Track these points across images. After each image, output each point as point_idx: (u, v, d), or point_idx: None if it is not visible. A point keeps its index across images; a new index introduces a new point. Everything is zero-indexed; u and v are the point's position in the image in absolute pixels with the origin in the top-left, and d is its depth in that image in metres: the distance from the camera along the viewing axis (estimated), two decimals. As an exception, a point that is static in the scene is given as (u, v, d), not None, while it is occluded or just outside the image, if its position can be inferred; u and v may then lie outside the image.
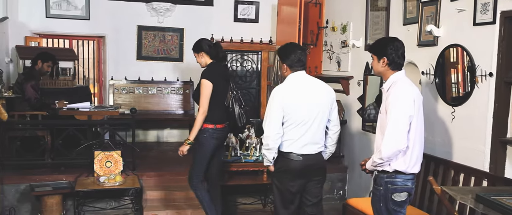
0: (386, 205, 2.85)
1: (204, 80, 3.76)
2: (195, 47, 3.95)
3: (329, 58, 6.03)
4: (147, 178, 4.91)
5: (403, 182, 2.82)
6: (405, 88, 2.78)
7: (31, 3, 6.54)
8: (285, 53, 3.19)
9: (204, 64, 3.93)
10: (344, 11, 5.66)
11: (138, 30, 6.99)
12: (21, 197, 4.56)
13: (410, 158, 2.79)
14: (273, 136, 3.06)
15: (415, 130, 2.79)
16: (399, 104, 2.73)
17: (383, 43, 2.89)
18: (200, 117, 3.74)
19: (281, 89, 3.14)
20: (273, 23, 6.90)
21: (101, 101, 7.14)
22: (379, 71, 2.93)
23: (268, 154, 3.13)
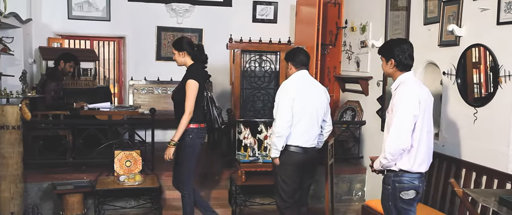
0: (395, 204, 2.90)
1: (192, 80, 3.71)
2: (177, 45, 3.88)
3: (348, 58, 5.99)
4: (165, 178, 4.94)
5: (410, 181, 2.87)
6: (411, 89, 2.85)
7: (54, 5, 6.66)
8: (292, 55, 3.57)
9: (182, 63, 3.90)
10: (363, 11, 5.61)
11: (157, 31, 7.06)
12: (43, 195, 4.64)
13: (415, 157, 2.84)
14: (284, 123, 3.32)
15: (421, 130, 2.83)
16: (404, 104, 2.80)
17: (391, 46, 2.98)
18: (187, 118, 3.69)
19: (291, 82, 3.47)
20: (292, 23, 6.89)
21: (121, 101, 7.22)
22: (388, 73, 3.03)
23: (278, 142, 3.36)
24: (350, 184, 5.46)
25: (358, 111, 5.68)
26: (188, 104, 3.69)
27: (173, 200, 4.81)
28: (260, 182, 4.78)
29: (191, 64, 3.87)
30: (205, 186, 4.96)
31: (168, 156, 3.78)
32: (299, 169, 3.47)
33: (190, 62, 3.87)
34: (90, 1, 6.78)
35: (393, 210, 2.92)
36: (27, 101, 4.17)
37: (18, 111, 4.09)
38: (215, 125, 4.01)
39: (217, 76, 7.14)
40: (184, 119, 3.68)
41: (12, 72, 5.40)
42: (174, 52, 3.89)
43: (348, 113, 5.88)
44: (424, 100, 2.85)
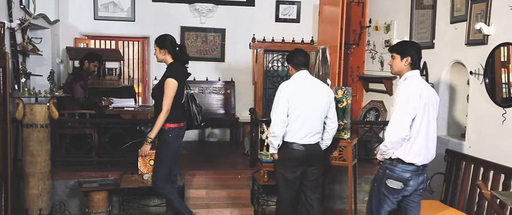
0: (379, 187, 3.14)
1: (171, 79, 3.72)
2: (160, 43, 3.88)
3: (371, 58, 5.92)
4: (189, 177, 4.98)
5: (401, 173, 3.05)
6: (414, 83, 3.05)
7: (81, 6, 6.80)
8: (291, 57, 3.69)
9: (162, 60, 3.91)
10: (388, 10, 5.54)
11: (181, 31, 7.12)
12: (70, 192, 4.74)
13: (411, 148, 3.01)
14: (279, 124, 3.48)
15: (420, 123, 3.00)
16: (405, 95, 2.99)
17: (408, 45, 3.22)
18: (164, 116, 3.70)
19: (288, 84, 3.59)
20: (315, 23, 6.85)
21: (145, 101, 7.32)
22: (399, 69, 3.17)
23: (274, 141, 3.53)
24: (373, 185, 5.39)
25: (382, 111, 5.61)
26: (165, 102, 3.70)
27: (196, 198, 4.85)
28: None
29: (171, 62, 3.87)
30: (227, 186, 4.97)
31: (144, 152, 3.86)
32: (298, 164, 3.59)
33: (170, 60, 3.88)
34: (116, 2, 6.89)
35: (375, 191, 3.18)
36: (55, 100, 4.26)
37: (46, 110, 4.18)
38: (195, 122, 4.07)
39: (240, 76, 7.17)
40: (161, 116, 3.70)
41: (40, 72, 5.53)
42: (155, 48, 3.90)
43: (372, 113, 5.81)
44: (426, 95, 3.02)
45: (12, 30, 4.83)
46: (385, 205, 3.14)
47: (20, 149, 4.45)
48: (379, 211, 3.16)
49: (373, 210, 3.21)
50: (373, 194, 3.21)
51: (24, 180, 4.21)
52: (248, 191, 4.97)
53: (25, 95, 4.20)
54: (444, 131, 4.49)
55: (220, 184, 4.97)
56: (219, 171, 5.16)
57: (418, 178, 3.07)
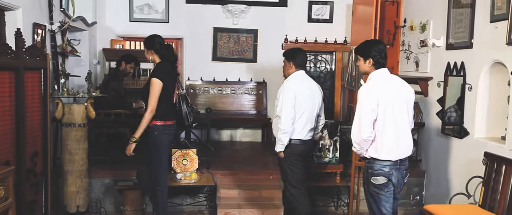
0: (368, 187, 3.25)
1: (155, 79, 3.74)
2: (147, 43, 3.92)
3: (406, 58, 5.80)
4: (221, 177, 5.02)
5: (379, 168, 3.15)
6: (372, 85, 3.15)
7: (117, 8, 6.96)
8: (293, 54, 3.87)
9: (151, 60, 3.96)
10: (423, 9, 5.42)
11: (214, 31, 7.19)
12: (106, 190, 4.86)
13: (381, 146, 3.11)
14: (289, 121, 3.67)
15: (383, 122, 3.09)
16: (362, 98, 3.11)
17: (368, 46, 3.25)
18: (149, 115, 3.73)
19: (292, 82, 3.77)
20: (348, 23, 6.77)
21: (178, 101, 7.41)
22: (365, 70, 3.28)
23: (285, 137, 3.70)
24: (407, 187, 5.28)
25: (417, 113, 5.48)
26: (150, 102, 3.73)
27: (228, 198, 4.87)
28: (315, 183, 4.74)
29: (158, 62, 3.90)
30: (259, 186, 4.98)
31: (129, 151, 3.83)
32: (302, 158, 3.86)
33: (158, 60, 3.91)
34: (150, 4, 7.03)
35: (367, 193, 3.28)
36: (92, 100, 4.37)
37: (84, 110, 4.30)
38: (185, 122, 4.10)
39: (272, 77, 7.17)
40: (146, 116, 3.74)
41: (78, 73, 5.70)
42: (144, 49, 3.96)
43: (406, 114, 5.69)
44: (389, 95, 3.10)
45: (52, 32, 5.00)
46: (382, 201, 3.22)
47: (59, 147, 4.60)
48: (380, 209, 3.24)
49: (374, 210, 3.30)
50: (367, 196, 3.31)
51: (63, 178, 4.35)
52: (280, 192, 4.96)
53: (64, 95, 4.34)
54: (483, 133, 4.35)
55: (252, 184, 4.99)
56: (251, 171, 5.18)
57: (399, 172, 3.18)
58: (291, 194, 3.95)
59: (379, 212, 3.24)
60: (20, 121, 3.49)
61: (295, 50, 4.00)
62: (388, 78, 3.24)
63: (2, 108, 3.29)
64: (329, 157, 4.69)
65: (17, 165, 3.41)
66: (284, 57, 3.97)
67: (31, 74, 3.66)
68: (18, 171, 3.39)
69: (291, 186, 3.91)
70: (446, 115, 4.78)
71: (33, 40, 4.49)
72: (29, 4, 4.41)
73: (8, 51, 3.32)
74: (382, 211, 3.22)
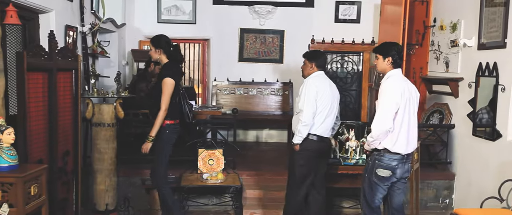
0: (370, 177, 3.42)
1: (168, 79, 3.80)
2: (155, 43, 3.95)
3: (436, 59, 5.69)
4: (247, 177, 5.03)
5: (388, 161, 3.34)
6: (396, 82, 3.35)
7: (146, 10, 7.07)
8: (315, 55, 4.05)
9: (157, 60, 3.98)
10: (454, 8, 5.30)
11: (240, 32, 7.21)
12: (134, 189, 4.94)
13: (397, 139, 3.30)
14: (311, 114, 3.81)
15: (402, 117, 3.30)
16: (388, 93, 3.30)
17: (388, 46, 3.47)
18: (163, 114, 3.79)
19: (315, 80, 3.93)
20: (376, 23, 6.69)
21: (205, 101, 7.48)
22: (383, 68, 3.46)
23: (304, 130, 3.83)
24: (436, 190, 5.18)
25: (447, 114, 5.37)
26: (164, 101, 3.79)
27: (254, 199, 4.89)
28: (341, 185, 4.70)
29: (166, 62, 3.94)
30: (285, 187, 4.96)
31: (146, 150, 3.90)
32: (316, 155, 3.95)
33: (166, 60, 3.95)
34: (178, 5, 7.11)
35: (366, 181, 3.46)
36: (121, 100, 4.45)
37: (113, 110, 4.38)
38: (186, 119, 4.13)
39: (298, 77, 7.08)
40: (161, 115, 3.80)
41: (107, 74, 5.82)
42: (151, 47, 3.97)
43: (435, 115, 5.58)
44: (407, 92, 3.32)
45: (83, 34, 5.12)
46: (378, 192, 3.42)
47: (89, 147, 4.70)
48: (373, 199, 3.44)
49: (367, 199, 3.48)
50: (365, 184, 3.48)
51: (92, 176, 4.44)
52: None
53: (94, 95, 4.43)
54: (515, 135, 4.23)
55: (277, 185, 4.98)
56: (277, 172, 5.17)
57: (404, 166, 3.38)
58: (290, 191, 4.07)
59: (372, 201, 3.45)
60: (53, 120, 3.58)
61: (316, 51, 4.21)
62: (404, 78, 3.48)
63: (36, 107, 3.39)
64: (356, 158, 4.64)
65: (49, 163, 3.50)
66: (305, 57, 4.10)
67: (63, 75, 3.75)
68: (50, 169, 3.48)
69: (293, 182, 4.02)
70: (478, 117, 4.66)
71: (65, 42, 4.60)
72: (61, 7, 4.53)
73: (42, 53, 3.41)
74: (374, 201, 3.45)
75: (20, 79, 3.17)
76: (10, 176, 2.78)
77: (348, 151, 4.70)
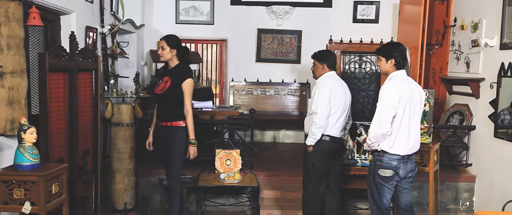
0: (374, 178, 3.44)
1: (191, 79, 3.80)
2: (171, 42, 3.87)
3: (456, 59, 5.60)
4: (264, 177, 5.04)
5: (388, 161, 3.35)
6: (396, 84, 3.32)
7: (164, 11, 7.13)
8: (325, 56, 4.06)
9: (168, 59, 3.87)
10: (475, 7, 5.21)
11: (257, 33, 7.22)
12: (152, 188, 4.99)
13: (394, 141, 3.31)
14: (325, 116, 3.83)
15: (401, 119, 3.29)
16: (386, 95, 3.30)
17: (391, 47, 3.45)
18: (192, 115, 3.80)
19: (327, 80, 3.93)
20: (394, 23, 6.62)
21: (222, 101, 7.51)
22: (385, 70, 3.46)
23: (318, 132, 3.85)
24: (456, 192, 5.11)
25: (467, 115, 5.28)
26: (189, 102, 3.79)
27: (271, 199, 4.89)
28: (358, 186, 4.66)
29: (181, 63, 3.89)
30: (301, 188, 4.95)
31: (194, 154, 3.88)
32: (329, 155, 3.97)
33: (176, 62, 3.88)
34: (196, 6, 7.15)
35: (372, 183, 3.46)
36: (139, 100, 4.50)
37: (132, 110, 4.44)
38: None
39: (315, 78, 7.12)
40: (191, 116, 3.80)
41: (126, 74, 5.89)
42: (164, 47, 3.85)
43: (456, 116, 5.50)
44: (407, 94, 3.29)
45: (103, 35, 5.19)
46: (384, 193, 3.42)
47: (108, 146, 4.76)
48: (381, 199, 3.44)
49: (375, 200, 3.48)
50: (371, 185, 3.48)
51: (111, 175, 4.50)
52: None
53: (114, 95, 4.49)
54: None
55: (294, 186, 4.96)
56: (294, 173, 5.15)
57: (406, 165, 3.37)
58: (306, 192, 4.08)
59: (380, 202, 3.45)
60: (73, 120, 3.64)
61: (326, 52, 4.23)
62: (407, 79, 3.44)
63: (57, 107, 3.44)
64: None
65: (70, 162, 3.56)
66: (314, 59, 4.10)
67: (83, 76, 3.81)
68: (71, 168, 3.54)
69: (308, 182, 4.05)
70: (499, 118, 4.57)
71: (86, 42, 4.67)
72: (82, 8, 4.60)
73: (63, 54, 3.47)
74: (383, 201, 3.44)
75: (42, 80, 3.23)
76: (32, 175, 2.84)
77: (365, 152, 4.67)
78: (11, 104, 3.19)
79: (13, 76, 3.18)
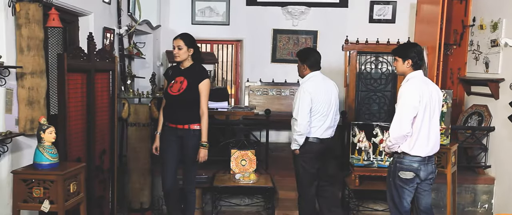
0: (394, 180, 3.39)
1: (208, 80, 3.72)
2: (190, 41, 3.75)
3: (475, 59, 5.52)
4: (279, 178, 5.03)
5: (409, 163, 3.31)
6: (415, 85, 3.29)
7: (180, 11, 7.18)
8: (306, 55, 3.95)
9: (184, 59, 3.73)
10: (495, 7, 5.13)
11: (273, 33, 7.22)
12: (167, 188, 5.01)
13: (415, 142, 3.27)
14: (305, 124, 3.79)
15: (421, 120, 3.25)
16: (406, 96, 3.25)
17: (408, 48, 3.41)
18: (207, 116, 3.71)
19: (309, 85, 3.85)
20: (411, 23, 6.55)
21: (237, 102, 7.52)
22: (402, 71, 3.43)
23: (300, 139, 3.84)
24: (474, 194, 5.03)
25: (486, 116, 5.20)
26: (206, 103, 3.70)
27: (286, 200, 4.87)
28: (375, 187, 4.63)
29: (196, 64, 3.78)
30: (318, 188, 4.94)
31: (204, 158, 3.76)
32: (317, 156, 3.96)
33: (190, 62, 3.77)
34: (212, 7, 7.18)
35: (392, 185, 3.41)
36: (155, 101, 4.54)
37: (148, 110, 4.47)
38: None
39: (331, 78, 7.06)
40: (206, 119, 3.70)
41: (143, 74, 5.94)
42: (181, 46, 3.70)
43: (474, 117, 5.42)
44: (427, 95, 3.26)
45: (120, 36, 5.25)
46: (405, 195, 3.37)
47: (124, 146, 4.81)
48: (402, 202, 3.39)
49: (395, 203, 3.43)
50: (391, 188, 3.43)
51: (127, 175, 4.54)
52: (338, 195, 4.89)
53: (130, 96, 4.54)
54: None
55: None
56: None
57: (426, 167, 3.33)
58: (299, 194, 4.11)
59: (400, 204, 3.40)
60: (91, 120, 3.68)
61: (308, 50, 4.15)
62: (425, 80, 3.41)
63: (75, 108, 3.49)
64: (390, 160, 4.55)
65: (87, 162, 3.61)
66: (297, 57, 4.04)
67: (100, 76, 3.85)
68: (88, 167, 3.58)
69: (300, 184, 4.06)
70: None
71: (103, 43, 4.73)
72: (100, 9, 4.66)
73: (81, 55, 3.52)
74: (403, 204, 3.39)
75: (61, 80, 3.28)
76: (51, 174, 2.89)
77: (382, 153, 4.63)
78: (31, 104, 3.25)
79: (33, 77, 3.25)
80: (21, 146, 3.36)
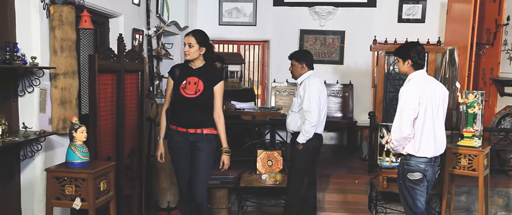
0: (404, 182, 3.36)
1: (223, 81, 3.55)
2: (204, 39, 3.47)
3: (509, 59, 5.37)
4: (305, 179, 5.00)
5: (416, 164, 3.28)
6: (415, 85, 3.24)
7: (207, 12, 7.24)
8: (304, 56, 4.12)
9: (195, 58, 3.45)
10: (529, 5, 4.98)
11: (300, 34, 7.19)
12: (194, 187, 5.05)
13: (419, 143, 3.23)
14: (318, 114, 3.87)
15: (423, 121, 3.21)
16: (405, 97, 3.22)
17: (407, 48, 3.36)
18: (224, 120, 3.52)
19: (313, 80, 3.98)
20: (442, 22, 6.41)
21: (264, 102, 7.52)
22: (404, 71, 3.39)
23: (313, 130, 3.88)
24: (508, 199, 4.88)
25: (520, 118, 5.05)
26: (221, 106, 3.50)
27: (312, 201, 4.84)
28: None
29: (209, 64, 3.55)
30: (344, 190, 4.89)
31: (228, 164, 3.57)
32: (317, 152, 4.13)
33: (202, 61, 3.51)
34: (239, 8, 7.21)
35: (403, 187, 3.38)
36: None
37: (176, 110, 4.51)
38: None
39: (358, 79, 7.01)
40: (223, 123, 3.50)
41: (170, 75, 5.99)
42: (192, 44, 3.41)
43: (508, 119, 5.26)
44: (429, 94, 3.21)
45: (149, 37, 5.33)
46: (418, 196, 3.33)
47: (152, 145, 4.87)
48: (416, 203, 3.34)
49: (409, 205, 3.39)
50: (403, 190, 3.40)
51: (155, 174, 4.60)
52: (365, 197, 4.83)
53: (158, 96, 4.60)
54: None
55: (336, 188, 4.91)
56: (336, 174, 5.10)
57: (433, 168, 3.31)
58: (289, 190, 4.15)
59: (414, 205, 3.36)
60: (120, 119, 3.75)
61: (304, 51, 4.36)
62: (427, 79, 3.36)
63: (105, 107, 3.57)
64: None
65: (117, 161, 3.67)
66: (293, 59, 4.12)
67: (130, 77, 3.91)
68: (117, 166, 3.65)
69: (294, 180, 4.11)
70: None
71: (132, 44, 4.81)
72: (130, 11, 4.74)
73: (111, 55, 3.59)
74: (417, 205, 3.35)
75: (92, 81, 3.35)
76: (82, 172, 2.95)
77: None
78: (63, 104, 3.34)
79: (66, 77, 3.33)
80: (54, 144, 3.45)
